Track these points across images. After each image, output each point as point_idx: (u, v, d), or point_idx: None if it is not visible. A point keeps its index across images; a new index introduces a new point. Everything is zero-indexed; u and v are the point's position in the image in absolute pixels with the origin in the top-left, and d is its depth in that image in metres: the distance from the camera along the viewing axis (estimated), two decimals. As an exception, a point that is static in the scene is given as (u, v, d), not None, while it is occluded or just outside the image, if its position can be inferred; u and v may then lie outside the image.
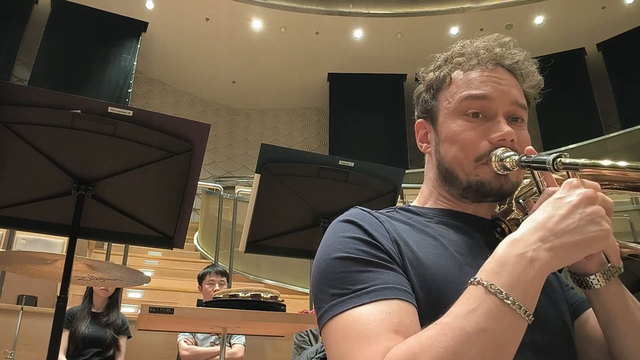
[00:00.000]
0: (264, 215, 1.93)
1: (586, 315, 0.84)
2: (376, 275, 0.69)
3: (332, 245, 0.74)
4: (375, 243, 0.73)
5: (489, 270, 0.63)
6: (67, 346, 3.11)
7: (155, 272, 6.65)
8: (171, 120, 1.66)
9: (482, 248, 0.79)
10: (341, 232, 0.75)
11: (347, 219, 0.78)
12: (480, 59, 0.85)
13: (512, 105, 0.83)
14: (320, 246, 0.77)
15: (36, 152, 1.55)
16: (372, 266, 0.70)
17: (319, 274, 0.73)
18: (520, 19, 10.40)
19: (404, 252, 0.74)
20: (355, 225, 0.76)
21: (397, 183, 2.03)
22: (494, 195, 0.82)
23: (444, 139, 0.85)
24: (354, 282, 0.69)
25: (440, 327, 0.60)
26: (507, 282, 0.60)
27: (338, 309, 0.67)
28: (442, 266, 0.73)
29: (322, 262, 0.74)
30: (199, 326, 2.40)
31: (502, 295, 0.59)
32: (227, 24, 10.53)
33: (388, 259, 0.72)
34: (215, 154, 12.17)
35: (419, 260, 0.73)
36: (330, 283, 0.70)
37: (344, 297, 0.68)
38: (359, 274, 0.69)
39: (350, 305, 0.66)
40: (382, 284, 0.68)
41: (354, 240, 0.73)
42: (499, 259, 0.63)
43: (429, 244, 0.76)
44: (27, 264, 2.12)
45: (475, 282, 0.62)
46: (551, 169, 0.71)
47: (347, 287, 0.68)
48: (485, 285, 0.61)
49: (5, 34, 9.54)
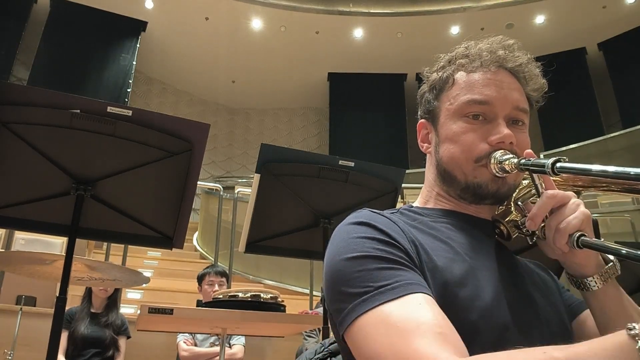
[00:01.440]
0: (264, 216, 1.92)
1: (584, 317, 0.84)
2: (397, 273, 0.67)
3: (346, 247, 0.71)
4: (393, 242, 0.71)
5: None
6: (67, 346, 3.10)
7: (155, 273, 6.64)
8: (171, 120, 1.66)
9: (487, 250, 0.79)
10: (354, 234, 0.73)
11: (360, 221, 0.75)
12: (483, 61, 0.85)
13: (513, 109, 0.83)
14: (331, 248, 0.74)
15: (35, 152, 1.54)
16: (392, 263, 0.68)
17: (333, 276, 0.71)
18: (521, 18, 10.40)
19: (422, 255, 0.73)
20: (369, 226, 0.74)
21: (397, 183, 2.03)
22: (491, 198, 0.82)
23: (444, 139, 0.85)
24: (375, 279, 0.66)
25: (544, 357, 0.53)
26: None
27: (364, 307, 0.64)
28: (456, 270, 0.72)
29: (335, 264, 0.71)
30: (198, 327, 2.39)
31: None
32: (227, 23, 10.53)
33: (406, 259, 0.70)
34: (215, 153, 12.16)
35: (435, 265, 0.72)
36: (348, 283, 0.68)
37: (367, 294, 0.65)
38: (379, 272, 0.67)
39: (378, 302, 0.64)
40: (405, 280, 0.66)
41: (369, 240, 0.71)
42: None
43: (440, 248, 0.76)
44: (26, 264, 2.12)
45: (632, 334, 0.49)
46: (550, 172, 0.71)
47: (368, 284, 0.66)
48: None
49: (4, 34, 9.53)
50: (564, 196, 0.73)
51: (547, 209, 0.73)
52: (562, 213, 0.72)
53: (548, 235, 0.74)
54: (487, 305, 0.70)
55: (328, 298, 0.72)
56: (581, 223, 0.71)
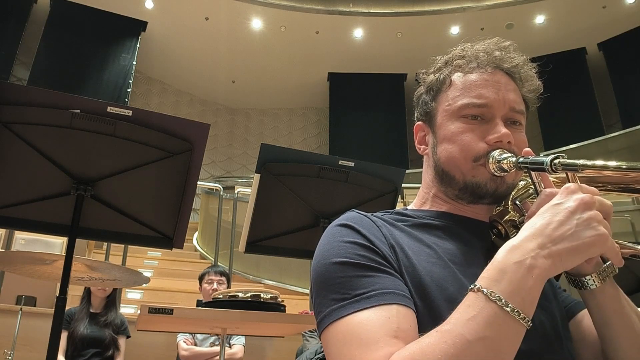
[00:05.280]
0: (264, 216, 1.92)
1: (581, 316, 0.85)
2: (375, 280, 0.70)
3: (331, 250, 0.74)
4: (373, 248, 0.74)
5: (488, 277, 0.63)
6: (66, 347, 3.10)
7: (155, 273, 6.64)
8: (170, 120, 1.66)
9: (477, 255, 0.80)
10: (339, 237, 0.76)
11: (344, 223, 0.78)
12: (479, 62, 0.86)
13: (509, 110, 0.84)
14: (318, 250, 0.77)
15: (35, 152, 1.54)
16: (371, 271, 0.71)
17: (317, 279, 0.74)
18: (521, 18, 10.40)
19: (400, 258, 0.75)
20: (353, 229, 0.76)
21: (397, 183, 2.03)
22: (490, 197, 0.83)
23: (442, 139, 0.86)
24: (354, 287, 0.69)
25: (440, 334, 0.60)
26: (507, 289, 0.61)
27: (338, 314, 0.68)
28: (435, 274, 0.74)
29: (320, 267, 0.74)
30: (198, 327, 2.39)
31: (502, 303, 0.60)
32: (227, 23, 10.53)
33: (386, 264, 0.72)
34: (215, 153, 12.16)
35: (414, 267, 0.74)
36: (329, 288, 0.71)
37: (344, 302, 0.69)
38: (358, 279, 0.70)
39: (350, 311, 0.67)
40: (381, 289, 0.68)
41: (352, 244, 0.74)
42: (498, 266, 0.64)
43: (423, 252, 0.77)
44: (26, 264, 2.11)
45: (475, 290, 0.62)
46: (549, 170, 0.71)
47: (346, 292, 0.69)
48: (485, 292, 0.61)
49: (4, 34, 9.53)
50: None
51: None
52: None
53: None
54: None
55: (312, 298, 0.76)
56: None
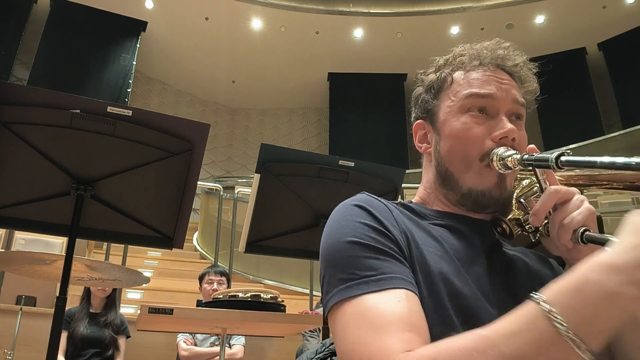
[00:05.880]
0: (264, 216, 1.92)
1: None
2: (384, 264, 0.69)
3: (342, 229, 0.74)
4: (385, 232, 0.73)
5: (557, 290, 0.55)
6: (66, 347, 3.10)
7: (155, 273, 6.64)
8: (170, 120, 1.66)
9: (479, 254, 0.79)
10: (352, 216, 0.75)
11: (358, 204, 0.77)
12: (482, 60, 0.86)
13: (513, 103, 0.84)
14: (329, 227, 0.76)
15: (35, 152, 1.54)
16: (381, 254, 0.70)
17: (326, 256, 0.73)
18: (521, 18, 10.39)
19: (412, 246, 0.74)
20: (366, 211, 0.76)
21: (397, 183, 2.03)
22: (492, 207, 0.82)
23: (447, 136, 0.85)
24: (362, 267, 0.68)
25: (476, 338, 0.56)
26: (576, 315, 0.52)
27: (345, 293, 0.67)
28: (443, 267, 0.73)
29: (331, 245, 0.73)
30: (198, 327, 2.39)
31: (563, 329, 0.51)
32: (227, 23, 10.52)
33: (396, 250, 0.72)
34: (215, 153, 12.16)
35: (423, 256, 0.73)
36: (338, 267, 0.70)
37: (351, 282, 0.68)
38: (366, 260, 0.69)
39: (359, 292, 0.66)
40: (390, 273, 0.68)
41: (364, 226, 0.73)
42: (576, 283, 0.54)
43: (431, 244, 0.76)
44: (26, 264, 2.12)
45: (536, 301, 0.55)
46: (554, 167, 0.70)
47: (354, 272, 0.68)
48: (547, 310, 0.53)
49: (4, 34, 9.52)
50: (567, 192, 0.73)
51: (551, 204, 0.73)
52: (566, 209, 0.72)
53: (552, 232, 0.73)
54: (470, 304, 0.70)
55: (320, 275, 0.75)
56: (585, 219, 0.71)
